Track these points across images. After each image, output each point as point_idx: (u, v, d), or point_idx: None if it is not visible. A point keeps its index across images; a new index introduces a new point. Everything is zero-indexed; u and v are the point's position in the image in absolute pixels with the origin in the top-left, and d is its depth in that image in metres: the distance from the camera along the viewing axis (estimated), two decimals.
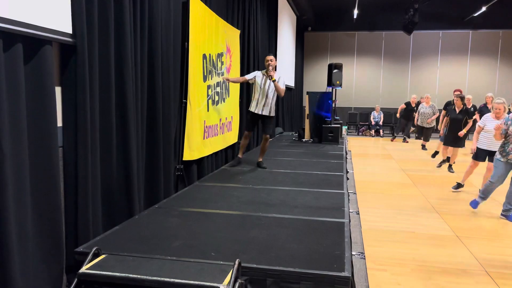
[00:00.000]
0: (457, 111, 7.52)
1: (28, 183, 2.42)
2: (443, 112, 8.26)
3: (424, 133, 10.66)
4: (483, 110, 9.58)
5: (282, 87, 5.40)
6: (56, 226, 2.61)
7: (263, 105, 5.45)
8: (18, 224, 2.32)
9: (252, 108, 5.52)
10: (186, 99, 4.70)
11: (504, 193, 5.98)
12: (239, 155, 5.92)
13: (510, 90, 14.88)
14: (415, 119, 10.65)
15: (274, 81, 5.30)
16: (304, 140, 9.39)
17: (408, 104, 12.49)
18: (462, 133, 7.33)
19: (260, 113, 5.47)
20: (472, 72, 15.52)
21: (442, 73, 15.73)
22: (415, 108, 11.86)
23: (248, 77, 5.52)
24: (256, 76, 5.47)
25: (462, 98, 7.51)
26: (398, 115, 12.78)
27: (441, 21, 15.31)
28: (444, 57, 15.67)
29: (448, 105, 8.85)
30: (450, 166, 7.99)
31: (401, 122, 12.81)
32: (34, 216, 2.49)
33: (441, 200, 5.62)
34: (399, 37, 15.56)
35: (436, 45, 15.68)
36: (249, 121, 5.64)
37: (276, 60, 5.59)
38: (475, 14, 14.01)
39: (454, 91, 9.28)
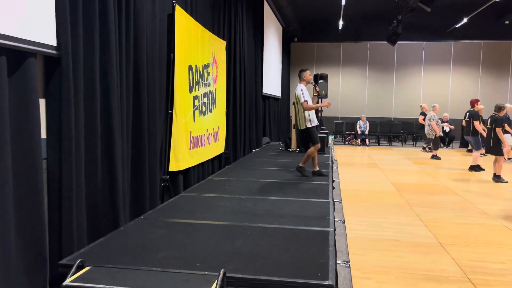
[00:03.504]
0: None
1: (12, 194, 2.40)
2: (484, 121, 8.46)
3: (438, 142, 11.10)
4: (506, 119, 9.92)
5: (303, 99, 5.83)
6: (40, 238, 2.59)
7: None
8: (0, 236, 2.30)
9: (315, 122, 5.89)
10: (172, 110, 4.71)
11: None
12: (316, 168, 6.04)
13: (492, 99, 15.20)
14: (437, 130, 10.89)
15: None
16: (290, 149, 9.44)
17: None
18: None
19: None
20: (455, 82, 15.84)
21: (426, 82, 16.02)
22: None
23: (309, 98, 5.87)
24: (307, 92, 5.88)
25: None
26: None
27: (424, 32, 15.64)
28: (427, 67, 15.97)
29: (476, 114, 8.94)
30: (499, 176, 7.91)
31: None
32: (17, 228, 2.47)
33: (425, 208, 5.71)
34: (384, 48, 15.82)
35: (420, 55, 15.98)
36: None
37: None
38: (457, 25, 14.34)
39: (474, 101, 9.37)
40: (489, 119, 7.85)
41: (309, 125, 5.79)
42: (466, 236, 4.51)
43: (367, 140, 14.96)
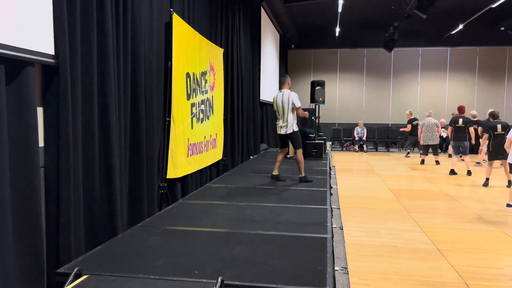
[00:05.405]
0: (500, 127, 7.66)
1: (9, 203, 2.40)
2: (480, 128, 8.45)
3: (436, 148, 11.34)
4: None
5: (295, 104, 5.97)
6: (37, 246, 2.59)
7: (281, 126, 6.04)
8: None
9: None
10: (170, 117, 4.73)
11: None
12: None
13: (488, 104, 15.27)
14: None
15: None
16: (288, 156, 9.45)
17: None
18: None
19: (282, 132, 6.02)
20: (452, 88, 15.92)
21: (423, 89, 16.10)
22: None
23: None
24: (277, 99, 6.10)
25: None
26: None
27: (420, 39, 15.75)
28: (424, 73, 16.06)
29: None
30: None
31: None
32: (14, 236, 2.47)
33: (422, 214, 5.71)
34: (381, 54, 15.91)
35: (416, 61, 16.08)
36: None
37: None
38: (453, 32, 14.45)
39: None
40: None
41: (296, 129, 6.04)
42: (463, 241, 4.52)
43: (364, 146, 14.99)
